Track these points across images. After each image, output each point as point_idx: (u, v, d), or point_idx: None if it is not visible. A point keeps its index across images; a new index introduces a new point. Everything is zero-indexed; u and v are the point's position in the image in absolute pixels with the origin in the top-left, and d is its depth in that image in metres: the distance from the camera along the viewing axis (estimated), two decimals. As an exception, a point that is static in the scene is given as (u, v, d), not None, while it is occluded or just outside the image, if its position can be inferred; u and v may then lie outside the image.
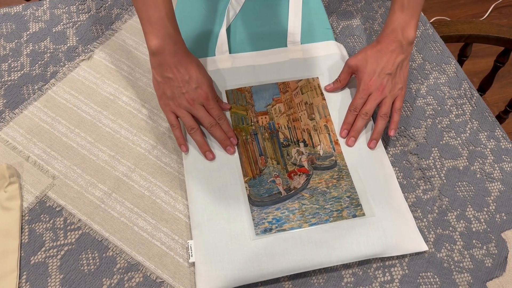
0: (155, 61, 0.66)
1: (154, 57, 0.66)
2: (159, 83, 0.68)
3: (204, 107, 0.68)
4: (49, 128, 0.72)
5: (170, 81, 0.67)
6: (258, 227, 0.62)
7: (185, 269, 0.62)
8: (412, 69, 0.81)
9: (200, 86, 0.67)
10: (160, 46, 0.65)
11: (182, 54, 0.67)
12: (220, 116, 0.69)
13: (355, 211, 0.63)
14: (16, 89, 0.76)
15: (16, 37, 0.82)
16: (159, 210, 0.66)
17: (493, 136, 0.74)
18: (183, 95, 0.67)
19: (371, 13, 0.88)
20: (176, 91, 0.67)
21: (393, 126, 0.69)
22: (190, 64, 0.67)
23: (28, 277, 0.61)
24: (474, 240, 0.65)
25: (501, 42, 0.96)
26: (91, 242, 0.64)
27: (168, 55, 0.66)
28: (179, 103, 0.67)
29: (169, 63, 0.66)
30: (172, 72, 0.66)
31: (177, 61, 0.66)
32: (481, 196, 0.69)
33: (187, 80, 0.67)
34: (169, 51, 0.66)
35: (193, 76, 0.67)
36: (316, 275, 0.62)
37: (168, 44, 0.65)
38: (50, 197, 0.67)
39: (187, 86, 0.67)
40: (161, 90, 0.68)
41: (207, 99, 0.68)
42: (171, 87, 0.67)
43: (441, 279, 0.62)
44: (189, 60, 0.68)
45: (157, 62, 0.66)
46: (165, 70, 0.66)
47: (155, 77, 0.68)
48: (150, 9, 0.64)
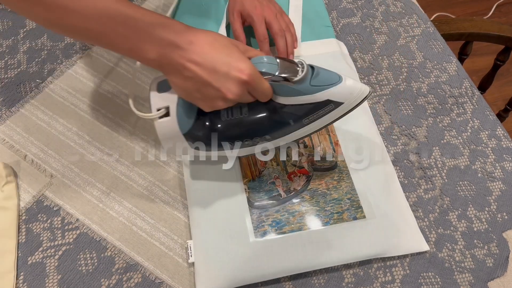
0: (164, 69, 0.52)
1: (161, 65, 0.51)
2: (183, 90, 0.52)
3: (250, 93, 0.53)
4: (46, 127, 0.72)
5: (193, 80, 0.51)
6: (258, 230, 0.61)
7: (185, 269, 0.62)
8: (413, 67, 0.80)
9: (232, 67, 0.50)
10: (159, 51, 0.50)
11: (185, 38, 0.50)
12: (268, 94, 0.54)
13: (355, 213, 0.63)
14: (12, 87, 0.75)
15: (12, 34, 0.81)
16: (158, 210, 0.66)
17: (494, 135, 0.74)
18: (218, 93, 0.51)
19: (371, 11, 0.87)
20: (206, 91, 0.51)
21: (294, 38, 0.74)
22: (203, 45, 0.50)
23: (25, 278, 0.60)
24: (476, 240, 0.65)
25: (501, 40, 0.96)
26: (89, 242, 0.63)
27: (173, 52, 0.50)
28: (216, 106, 0.53)
29: (179, 60, 0.50)
30: (189, 70, 0.50)
31: (187, 50, 0.50)
32: (482, 196, 0.68)
33: (212, 68, 0.50)
34: (172, 47, 0.50)
35: (218, 58, 0.50)
36: (316, 275, 0.61)
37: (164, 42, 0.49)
38: (47, 197, 0.66)
39: (216, 77, 0.50)
40: (191, 96, 0.53)
41: (246, 82, 0.51)
42: (200, 88, 0.51)
43: (443, 279, 0.62)
44: (198, 39, 0.50)
45: (167, 68, 0.51)
46: (180, 71, 0.50)
47: (176, 85, 0.53)
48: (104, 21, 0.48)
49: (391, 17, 0.86)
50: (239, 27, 0.74)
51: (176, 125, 0.54)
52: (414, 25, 0.86)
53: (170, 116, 0.54)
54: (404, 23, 0.86)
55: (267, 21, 0.72)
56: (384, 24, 0.85)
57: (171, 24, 0.50)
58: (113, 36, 0.49)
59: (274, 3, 0.77)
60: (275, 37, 0.72)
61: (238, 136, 0.57)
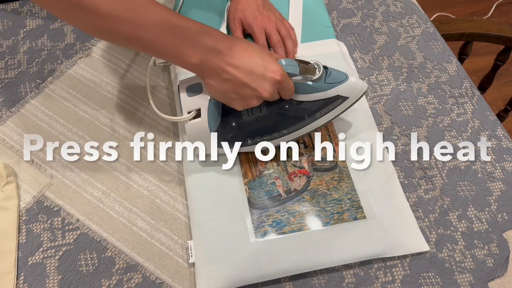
0: (204, 72, 0.56)
1: (202, 69, 0.55)
2: (220, 91, 0.57)
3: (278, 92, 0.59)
4: (47, 127, 0.72)
5: (231, 82, 0.56)
6: (259, 230, 0.61)
7: (185, 270, 0.62)
8: (413, 67, 0.80)
9: (267, 68, 0.56)
10: (202, 56, 0.54)
11: (224, 44, 0.55)
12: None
13: (356, 213, 0.63)
14: (13, 87, 0.75)
15: (13, 34, 0.81)
16: (158, 210, 0.66)
17: (494, 135, 0.74)
18: (254, 93, 0.56)
19: (371, 11, 0.87)
20: (243, 91, 0.56)
21: (295, 43, 0.77)
22: (240, 50, 0.55)
23: (25, 278, 0.60)
24: (476, 240, 0.65)
25: (501, 41, 0.96)
26: (90, 243, 0.63)
27: (214, 57, 0.54)
28: (250, 104, 0.58)
29: (219, 64, 0.55)
30: (228, 72, 0.55)
31: (226, 54, 0.55)
32: (482, 196, 0.68)
33: (249, 70, 0.55)
34: (213, 52, 0.54)
35: (254, 61, 0.55)
36: (317, 275, 0.62)
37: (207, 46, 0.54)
38: (47, 197, 0.66)
39: (253, 78, 0.55)
40: (227, 97, 0.58)
41: (279, 82, 0.57)
42: (236, 89, 0.56)
43: (443, 280, 0.62)
44: (235, 45, 0.56)
45: (207, 72, 0.56)
46: (220, 74, 0.55)
47: (214, 87, 0.57)
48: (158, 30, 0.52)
49: (391, 17, 0.86)
50: (240, 34, 0.76)
51: (206, 126, 0.60)
52: (414, 25, 0.86)
53: (201, 117, 0.59)
54: (404, 23, 0.86)
55: (266, 32, 0.75)
56: (384, 24, 0.85)
57: (212, 32, 0.55)
58: (162, 43, 0.53)
59: (273, 11, 0.78)
60: (274, 49, 0.75)
61: (259, 132, 0.63)
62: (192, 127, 0.60)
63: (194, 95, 0.59)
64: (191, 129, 0.60)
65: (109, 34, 0.53)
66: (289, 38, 0.76)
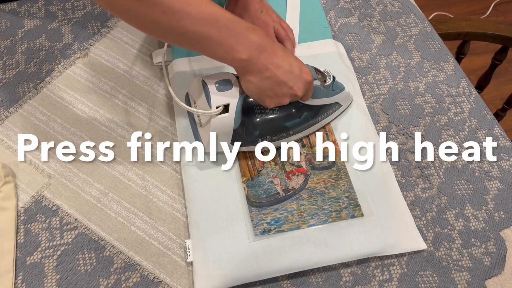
0: (248, 69, 0.57)
1: (247, 65, 0.57)
2: (258, 88, 0.59)
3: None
4: (45, 127, 0.72)
5: (271, 79, 0.58)
6: (257, 228, 0.62)
7: (183, 269, 0.62)
8: (411, 66, 0.81)
9: (302, 69, 0.60)
10: (250, 53, 0.55)
11: (269, 42, 0.58)
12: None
13: (353, 211, 0.63)
14: (11, 87, 0.75)
15: (11, 35, 0.81)
16: (156, 210, 0.66)
17: (491, 134, 0.74)
18: (290, 91, 0.60)
19: (369, 11, 0.87)
20: (279, 89, 0.59)
21: (293, 44, 0.78)
22: (280, 50, 0.59)
23: (24, 278, 0.60)
24: (473, 238, 0.65)
25: (499, 40, 0.96)
26: (88, 242, 0.63)
27: (261, 55, 0.56)
28: (282, 102, 0.61)
29: (265, 62, 0.57)
30: (270, 70, 0.57)
31: (271, 53, 0.57)
32: (479, 195, 0.68)
33: (289, 70, 0.59)
34: (260, 48, 0.56)
35: (292, 61, 0.59)
36: (314, 274, 0.62)
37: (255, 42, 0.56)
38: (46, 197, 0.66)
39: (291, 77, 0.59)
40: (263, 94, 0.60)
41: (310, 82, 0.62)
42: (274, 87, 0.59)
43: (440, 278, 0.62)
44: (276, 45, 0.59)
45: (251, 68, 0.57)
46: (262, 71, 0.57)
47: (253, 84, 0.58)
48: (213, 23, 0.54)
49: (388, 17, 0.87)
50: None
51: (232, 121, 0.61)
52: (411, 24, 0.86)
53: (229, 112, 0.60)
54: (402, 22, 0.86)
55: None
56: (382, 23, 0.86)
57: (258, 29, 0.57)
58: (217, 38, 0.54)
59: (271, 13, 0.78)
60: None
61: (270, 131, 0.66)
62: (218, 121, 0.60)
63: (223, 90, 0.60)
64: (216, 124, 0.60)
65: (167, 29, 0.53)
66: (288, 39, 0.77)
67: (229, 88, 0.60)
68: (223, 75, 0.61)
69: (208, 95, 0.60)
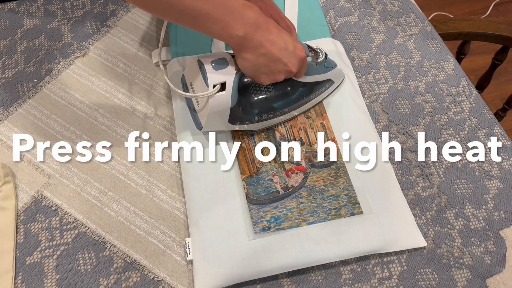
0: (244, 46, 0.58)
1: (243, 42, 0.58)
2: (254, 65, 0.60)
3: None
4: (44, 126, 0.72)
5: (266, 56, 0.59)
6: (257, 226, 0.62)
7: (183, 267, 0.62)
8: (411, 66, 0.80)
9: (296, 46, 0.62)
10: (246, 30, 0.57)
11: (263, 19, 0.59)
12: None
13: (353, 209, 0.63)
14: (10, 86, 0.75)
15: (10, 34, 0.81)
16: (156, 209, 0.66)
17: (491, 134, 0.74)
18: (284, 67, 0.61)
19: (369, 10, 0.87)
20: (274, 66, 0.60)
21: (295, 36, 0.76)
22: (274, 27, 0.60)
23: (23, 278, 0.60)
24: (473, 238, 0.65)
25: (499, 40, 0.96)
26: (88, 242, 0.63)
27: (256, 31, 0.57)
28: (277, 79, 0.63)
29: (260, 38, 0.58)
30: (265, 47, 0.58)
31: (266, 30, 0.58)
32: (479, 194, 0.68)
33: (283, 47, 0.60)
34: (256, 25, 0.57)
35: (286, 38, 0.60)
36: (314, 271, 0.62)
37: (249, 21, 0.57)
38: (45, 196, 0.66)
39: (286, 53, 0.60)
40: (259, 71, 0.61)
41: (304, 58, 0.63)
42: (269, 63, 0.60)
43: (440, 276, 0.62)
44: (270, 22, 0.60)
45: (247, 45, 0.58)
46: (257, 48, 0.58)
47: (249, 61, 0.60)
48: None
49: (388, 16, 0.87)
50: None
51: (229, 99, 0.61)
52: (411, 24, 0.86)
53: (226, 90, 0.61)
54: (402, 22, 0.86)
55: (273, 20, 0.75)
56: (382, 23, 0.86)
57: (253, 6, 0.58)
58: (215, 15, 0.55)
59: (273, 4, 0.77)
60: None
61: (265, 109, 0.66)
62: (215, 100, 0.61)
63: (219, 69, 0.61)
64: (214, 103, 0.61)
65: (166, 4, 0.54)
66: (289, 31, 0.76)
67: (225, 67, 0.61)
68: (219, 54, 0.62)
69: (205, 74, 0.60)
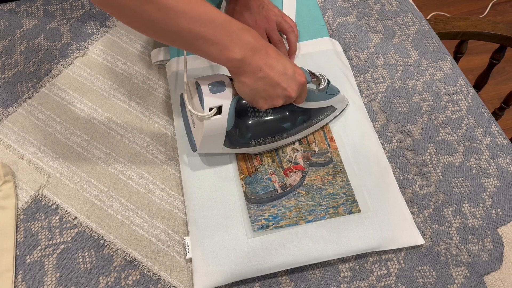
0: (242, 69, 0.57)
1: (241, 66, 0.56)
2: (252, 89, 0.58)
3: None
4: (44, 126, 0.72)
5: (264, 80, 0.58)
6: (255, 224, 0.62)
7: (182, 266, 0.62)
8: (408, 65, 0.81)
9: (295, 71, 0.60)
10: (244, 53, 0.55)
11: (262, 43, 0.58)
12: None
13: (351, 207, 0.63)
14: (10, 86, 0.76)
15: (9, 34, 0.81)
16: (155, 207, 0.66)
17: (489, 132, 0.74)
18: (284, 92, 0.59)
19: (366, 10, 0.88)
20: (273, 90, 0.59)
21: (297, 37, 0.78)
22: (273, 52, 0.59)
23: (24, 276, 0.61)
24: (470, 235, 0.65)
25: (496, 39, 0.96)
26: (87, 240, 0.63)
27: (254, 55, 0.56)
28: (276, 104, 0.61)
29: (258, 62, 0.57)
30: (264, 71, 0.57)
31: (264, 54, 0.57)
32: (477, 192, 0.69)
33: (283, 71, 0.58)
34: (254, 49, 0.56)
35: (286, 63, 0.59)
36: (313, 269, 0.62)
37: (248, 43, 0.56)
38: (45, 195, 0.66)
39: (285, 78, 0.59)
40: (257, 95, 0.59)
41: (304, 84, 0.61)
42: (267, 88, 0.58)
43: (438, 273, 0.62)
44: (269, 47, 0.59)
45: (245, 69, 0.57)
46: (256, 72, 0.57)
47: (247, 85, 0.58)
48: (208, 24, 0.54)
49: (386, 16, 0.87)
50: None
51: (225, 123, 0.60)
52: (409, 23, 0.86)
53: (222, 114, 0.60)
54: (399, 21, 0.87)
55: (267, 32, 0.76)
56: (380, 22, 0.86)
57: (251, 30, 0.57)
58: (211, 37, 0.54)
59: (273, 8, 0.78)
60: (276, 47, 0.74)
61: (263, 134, 0.65)
62: (211, 123, 0.60)
63: (216, 92, 0.59)
64: (209, 126, 0.60)
65: (162, 27, 0.53)
66: (291, 32, 0.77)
67: (223, 90, 0.60)
68: (217, 77, 0.61)
69: (201, 97, 0.59)
